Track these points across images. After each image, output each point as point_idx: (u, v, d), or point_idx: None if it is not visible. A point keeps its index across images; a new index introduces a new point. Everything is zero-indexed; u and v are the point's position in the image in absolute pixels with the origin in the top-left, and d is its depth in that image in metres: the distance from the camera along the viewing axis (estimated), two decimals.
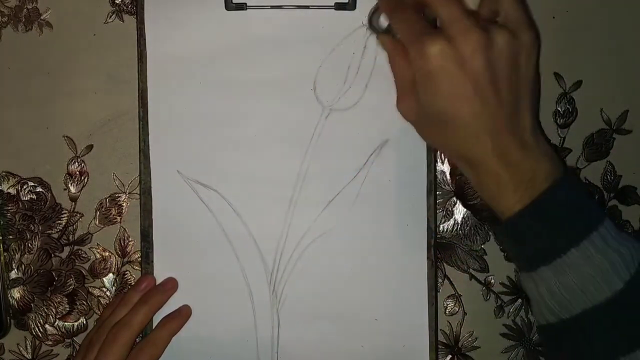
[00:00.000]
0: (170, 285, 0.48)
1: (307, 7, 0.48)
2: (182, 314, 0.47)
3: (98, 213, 0.50)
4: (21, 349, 0.50)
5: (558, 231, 0.38)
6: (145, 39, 0.48)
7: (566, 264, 0.37)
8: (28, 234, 0.49)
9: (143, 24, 0.48)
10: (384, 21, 0.46)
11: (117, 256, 0.50)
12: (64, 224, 0.50)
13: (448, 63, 0.37)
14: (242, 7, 0.48)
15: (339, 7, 0.48)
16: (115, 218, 0.50)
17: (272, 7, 0.48)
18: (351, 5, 0.48)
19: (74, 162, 0.50)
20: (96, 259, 0.50)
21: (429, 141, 0.42)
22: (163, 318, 0.47)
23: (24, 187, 0.49)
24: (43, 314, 0.50)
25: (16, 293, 0.50)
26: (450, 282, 0.51)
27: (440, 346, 0.50)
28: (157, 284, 0.48)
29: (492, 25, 0.38)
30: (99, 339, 0.45)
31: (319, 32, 0.48)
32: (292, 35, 0.48)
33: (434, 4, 0.40)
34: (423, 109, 0.40)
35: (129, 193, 0.50)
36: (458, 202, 0.50)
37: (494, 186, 0.39)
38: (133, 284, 0.49)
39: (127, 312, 0.46)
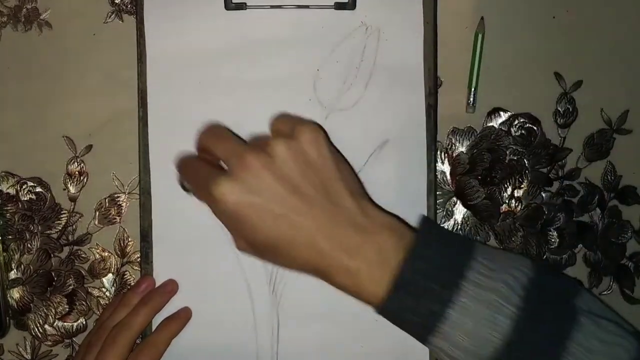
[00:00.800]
0: (171, 288, 0.48)
1: (307, 7, 0.48)
2: (182, 316, 0.47)
3: (97, 213, 0.50)
4: (20, 349, 0.50)
5: (428, 298, 0.36)
6: (144, 39, 0.48)
7: (449, 327, 0.36)
8: (27, 234, 0.49)
9: (143, 23, 0.48)
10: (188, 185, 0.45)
11: (116, 256, 0.50)
12: (63, 224, 0.50)
13: (239, 196, 0.36)
14: (241, 6, 0.48)
15: (338, 6, 0.48)
16: (115, 218, 0.50)
17: (272, 6, 0.48)
18: (351, 5, 0.48)
19: (74, 162, 0.50)
20: (95, 259, 0.50)
21: (275, 264, 0.41)
22: (163, 320, 0.47)
23: (24, 187, 0.49)
24: (42, 314, 0.50)
25: (15, 293, 0.49)
26: None
27: None
28: (157, 285, 0.48)
29: (264, 142, 0.38)
30: (98, 340, 0.45)
31: (319, 32, 0.48)
32: (292, 35, 0.48)
33: (208, 147, 0.40)
34: (252, 245, 0.39)
35: (129, 193, 0.50)
36: (458, 202, 0.50)
37: (351, 281, 0.37)
38: (133, 284, 0.49)
39: (127, 313, 0.46)
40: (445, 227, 0.50)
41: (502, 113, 0.50)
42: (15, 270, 0.49)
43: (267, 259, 0.41)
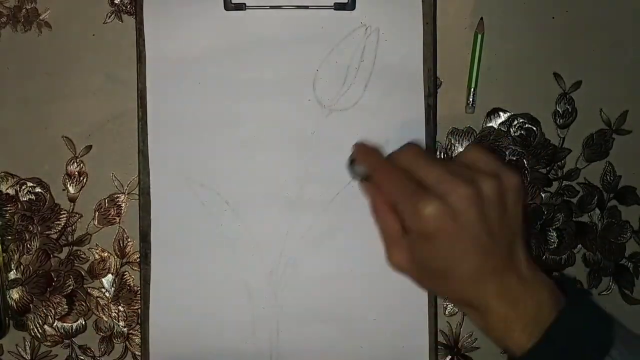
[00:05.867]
0: None
1: (306, 7, 0.48)
2: None
3: (97, 213, 0.50)
4: (20, 349, 0.50)
5: None
6: (144, 39, 0.48)
7: None
8: (27, 235, 0.49)
9: (142, 24, 0.48)
10: (363, 170, 0.44)
11: (116, 257, 0.50)
12: (62, 224, 0.50)
13: (445, 223, 0.37)
14: (241, 7, 0.48)
15: (338, 7, 0.48)
16: (114, 218, 0.50)
17: (271, 7, 0.48)
18: (350, 5, 0.48)
19: (73, 163, 0.50)
20: (95, 259, 0.50)
21: (427, 289, 0.42)
22: None
23: (23, 187, 0.49)
24: (42, 315, 0.49)
25: (15, 294, 0.49)
26: None
27: (439, 347, 0.50)
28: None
29: (477, 175, 0.38)
30: None
31: (319, 32, 0.48)
32: (292, 35, 0.48)
33: (414, 168, 0.40)
34: (419, 263, 0.40)
35: (128, 193, 0.50)
36: None
37: (502, 326, 0.39)
38: (132, 284, 0.49)
39: None
40: None
41: (501, 113, 0.51)
42: (14, 270, 0.49)
43: (420, 280, 0.41)
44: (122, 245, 0.50)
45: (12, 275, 0.49)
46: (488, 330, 0.40)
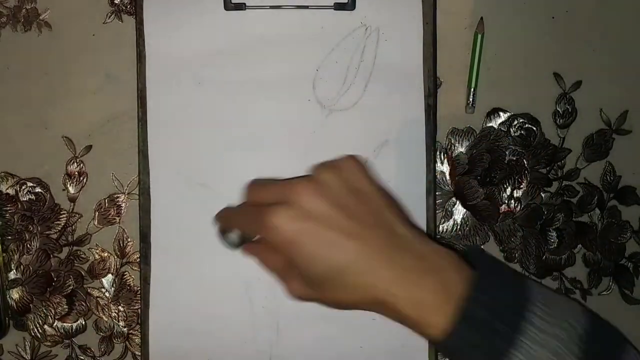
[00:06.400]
0: None
1: (306, 7, 0.48)
2: None
3: (97, 213, 0.50)
4: (20, 349, 0.50)
5: (493, 335, 0.34)
6: (144, 39, 0.48)
7: None
8: (27, 235, 0.49)
9: (142, 24, 0.48)
10: (234, 236, 0.43)
11: (116, 257, 0.50)
12: (62, 224, 0.50)
13: (299, 224, 0.36)
14: (241, 7, 0.48)
15: (338, 7, 0.48)
16: (114, 218, 0.50)
17: (271, 7, 0.48)
18: (350, 5, 0.48)
19: (73, 163, 0.50)
20: (95, 259, 0.50)
21: (339, 306, 0.40)
22: None
23: (23, 187, 0.49)
24: (42, 315, 0.49)
25: (15, 294, 0.49)
26: None
27: None
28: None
29: (313, 172, 0.38)
30: None
31: (319, 32, 0.48)
32: (292, 35, 0.48)
33: (258, 194, 0.40)
34: (308, 280, 0.38)
35: (128, 193, 0.50)
36: (458, 202, 0.50)
37: (414, 312, 0.36)
38: (132, 284, 0.49)
39: None
40: (445, 227, 0.50)
41: (501, 113, 0.51)
42: (14, 270, 0.49)
43: (324, 296, 0.39)
44: (122, 245, 0.50)
45: (12, 275, 0.49)
46: (403, 320, 0.37)
